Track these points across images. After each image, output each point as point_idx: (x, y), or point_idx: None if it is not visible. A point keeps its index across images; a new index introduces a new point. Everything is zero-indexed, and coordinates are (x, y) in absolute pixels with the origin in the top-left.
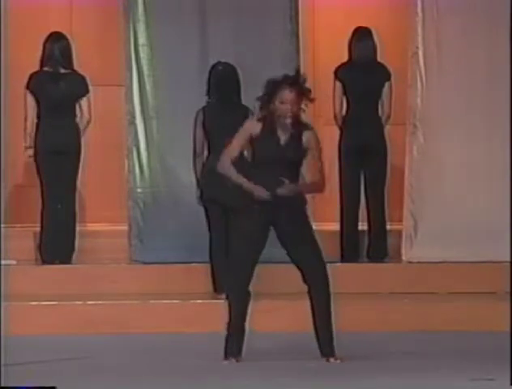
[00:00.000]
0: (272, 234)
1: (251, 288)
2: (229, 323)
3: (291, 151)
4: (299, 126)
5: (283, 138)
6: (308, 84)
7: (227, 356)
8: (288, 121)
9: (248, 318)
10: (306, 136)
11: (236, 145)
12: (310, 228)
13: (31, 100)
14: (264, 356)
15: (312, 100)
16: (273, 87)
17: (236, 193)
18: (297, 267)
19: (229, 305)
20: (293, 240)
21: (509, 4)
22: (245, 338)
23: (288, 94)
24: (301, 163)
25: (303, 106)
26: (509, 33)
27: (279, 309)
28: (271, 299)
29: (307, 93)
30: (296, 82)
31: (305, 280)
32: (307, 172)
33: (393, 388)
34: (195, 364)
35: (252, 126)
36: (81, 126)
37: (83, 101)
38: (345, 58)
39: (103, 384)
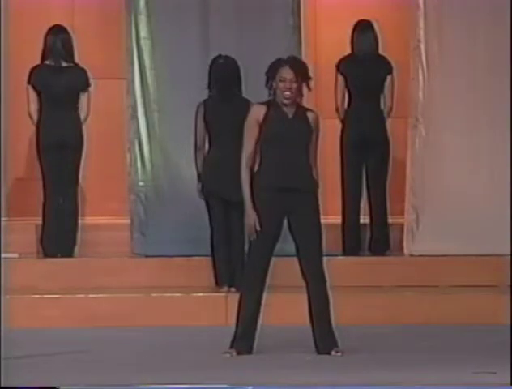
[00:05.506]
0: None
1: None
2: (239, 316)
3: (300, 125)
4: (302, 107)
5: (290, 113)
6: (311, 75)
7: (232, 347)
8: (287, 98)
9: (261, 313)
10: (312, 116)
11: (249, 138)
12: (319, 219)
13: (33, 95)
14: (268, 350)
15: (310, 89)
16: (275, 66)
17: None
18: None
19: (241, 297)
20: (301, 230)
21: None
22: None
23: (287, 72)
24: (309, 140)
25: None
26: (509, 26)
27: (286, 302)
28: (278, 292)
29: (307, 78)
30: (296, 62)
31: (303, 274)
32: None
33: (394, 381)
34: (196, 357)
35: (257, 110)
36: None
37: (83, 96)
38: (347, 52)
39: (104, 377)
